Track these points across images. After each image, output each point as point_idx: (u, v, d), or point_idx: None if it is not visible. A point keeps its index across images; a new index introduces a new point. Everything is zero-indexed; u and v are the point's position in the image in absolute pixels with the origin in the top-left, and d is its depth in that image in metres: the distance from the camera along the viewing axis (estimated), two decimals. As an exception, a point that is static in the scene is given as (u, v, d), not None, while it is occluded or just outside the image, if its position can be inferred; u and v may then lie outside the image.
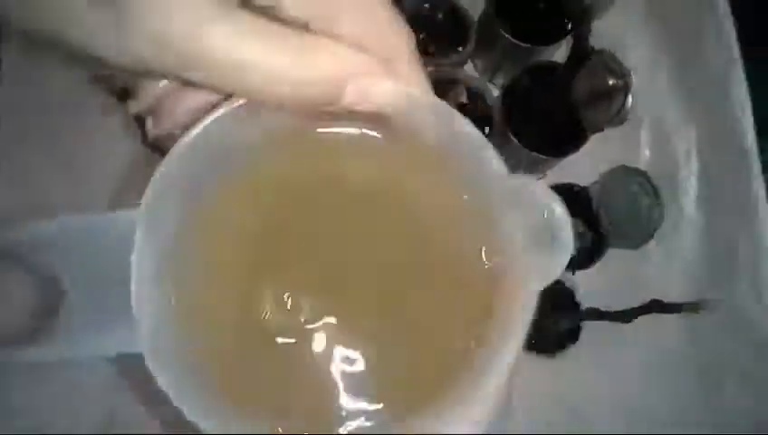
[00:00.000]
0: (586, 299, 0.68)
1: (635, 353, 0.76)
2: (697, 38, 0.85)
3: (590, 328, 0.67)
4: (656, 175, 0.75)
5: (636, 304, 0.62)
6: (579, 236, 0.55)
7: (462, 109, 0.72)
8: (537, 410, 0.75)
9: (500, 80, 0.79)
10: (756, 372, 0.77)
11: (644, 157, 0.82)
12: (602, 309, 0.59)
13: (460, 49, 0.74)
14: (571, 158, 0.73)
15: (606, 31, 0.79)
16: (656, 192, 0.62)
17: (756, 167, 0.82)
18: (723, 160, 0.83)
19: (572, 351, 0.66)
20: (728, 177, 0.82)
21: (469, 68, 0.82)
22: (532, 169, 0.74)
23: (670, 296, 0.79)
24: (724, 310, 0.78)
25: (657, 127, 0.83)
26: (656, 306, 0.53)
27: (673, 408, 0.76)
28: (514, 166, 0.77)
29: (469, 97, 0.72)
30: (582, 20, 0.51)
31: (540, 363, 0.73)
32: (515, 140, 0.68)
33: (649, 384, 0.76)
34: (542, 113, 0.70)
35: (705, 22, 0.85)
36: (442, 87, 0.70)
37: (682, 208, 0.81)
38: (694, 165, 0.83)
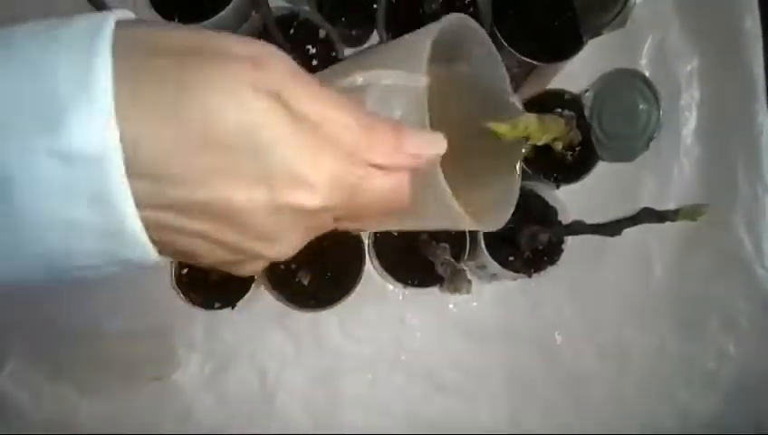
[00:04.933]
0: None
1: (615, 284, 0.72)
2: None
3: (572, 251, 0.62)
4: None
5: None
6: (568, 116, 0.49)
7: (441, 9, 0.65)
8: (505, 332, 0.70)
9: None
10: (742, 319, 0.73)
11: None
12: (587, 222, 0.53)
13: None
14: (561, 77, 0.67)
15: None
16: (655, 96, 0.56)
17: (763, 98, 0.76)
18: (725, 90, 0.77)
19: (550, 272, 0.61)
20: (731, 107, 0.76)
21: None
22: (524, 78, 0.68)
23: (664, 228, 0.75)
24: (714, 249, 0.73)
25: (659, 50, 0.76)
26: (646, 215, 0.47)
27: (646, 346, 0.72)
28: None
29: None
30: None
31: (514, 284, 0.68)
32: (505, 43, 0.62)
33: (625, 318, 0.72)
34: (535, 14, 0.63)
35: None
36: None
37: (680, 138, 0.75)
38: (695, 93, 0.77)
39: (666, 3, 0.77)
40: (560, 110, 0.49)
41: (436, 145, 0.27)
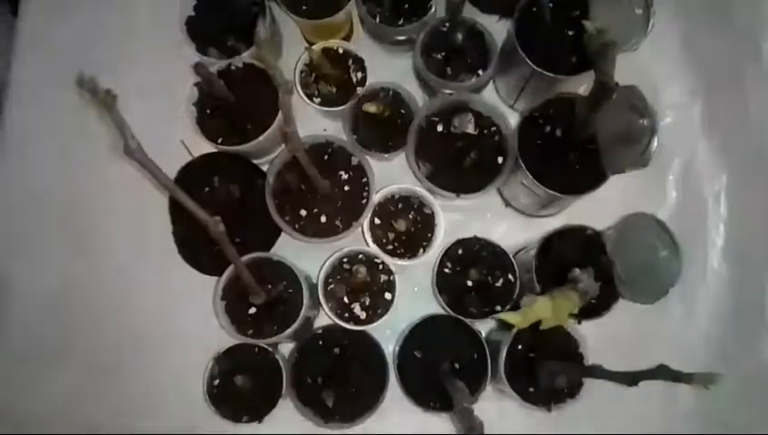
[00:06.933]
0: (594, 353, 0.63)
1: (639, 416, 0.71)
2: (735, 78, 0.79)
3: (592, 383, 0.62)
4: (681, 221, 0.70)
5: (650, 363, 0.56)
6: (584, 287, 0.51)
7: (469, 139, 0.69)
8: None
9: (522, 106, 0.75)
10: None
11: (670, 200, 0.77)
12: (606, 368, 0.54)
13: (480, 73, 0.70)
14: (589, 197, 0.68)
15: (639, 66, 0.74)
16: (674, 244, 0.57)
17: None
18: (754, 208, 0.77)
19: (571, 407, 0.61)
20: (759, 225, 0.76)
21: (491, 93, 0.78)
22: (545, 204, 0.70)
23: (690, 355, 0.74)
24: (746, 375, 0.72)
25: (687, 169, 0.78)
26: (662, 372, 0.48)
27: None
28: (527, 199, 0.74)
29: (480, 126, 0.67)
30: (603, 53, 0.47)
31: (534, 417, 0.68)
32: (529, 175, 0.64)
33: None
34: (560, 148, 0.65)
35: (745, 62, 0.79)
36: (447, 115, 0.66)
37: (707, 258, 0.76)
38: (723, 211, 0.77)
39: (694, 123, 0.79)
40: (575, 269, 0.50)
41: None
